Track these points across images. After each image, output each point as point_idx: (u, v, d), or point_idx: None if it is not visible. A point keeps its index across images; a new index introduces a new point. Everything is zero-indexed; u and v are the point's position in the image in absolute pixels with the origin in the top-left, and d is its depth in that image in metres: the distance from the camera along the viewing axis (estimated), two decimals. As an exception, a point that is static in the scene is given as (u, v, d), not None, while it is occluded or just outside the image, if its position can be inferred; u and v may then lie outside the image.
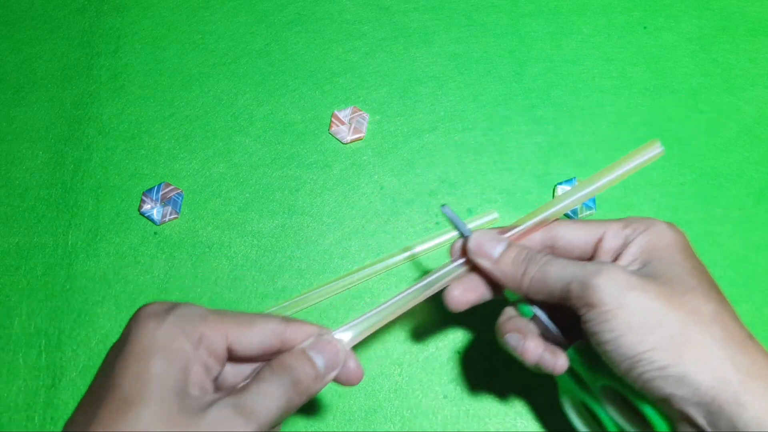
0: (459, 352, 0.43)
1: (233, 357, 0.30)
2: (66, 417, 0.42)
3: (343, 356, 0.32)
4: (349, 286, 0.45)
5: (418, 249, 0.45)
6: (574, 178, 0.47)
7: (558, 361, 0.33)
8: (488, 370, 0.43)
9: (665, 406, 0.29)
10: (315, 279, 0.45)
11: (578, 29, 0.52)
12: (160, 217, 0.47)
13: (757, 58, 0.51)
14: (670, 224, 0.33)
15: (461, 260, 0.36)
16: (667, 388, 0.28)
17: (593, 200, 0.47)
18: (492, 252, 0.34)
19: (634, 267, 0.32)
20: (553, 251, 0.35)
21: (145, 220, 0.47)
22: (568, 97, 0.50)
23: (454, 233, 0.45)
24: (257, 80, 0.51)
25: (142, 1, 0.54)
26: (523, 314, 0.35)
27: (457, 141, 0.49)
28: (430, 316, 0.44)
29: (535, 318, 0.34)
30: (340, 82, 0.51)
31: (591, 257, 0.34)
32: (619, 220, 0.34)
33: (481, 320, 0.44)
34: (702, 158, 0.48)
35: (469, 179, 0.48)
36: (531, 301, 0.34)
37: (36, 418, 0.42)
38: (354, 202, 0.47)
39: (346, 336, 0.33)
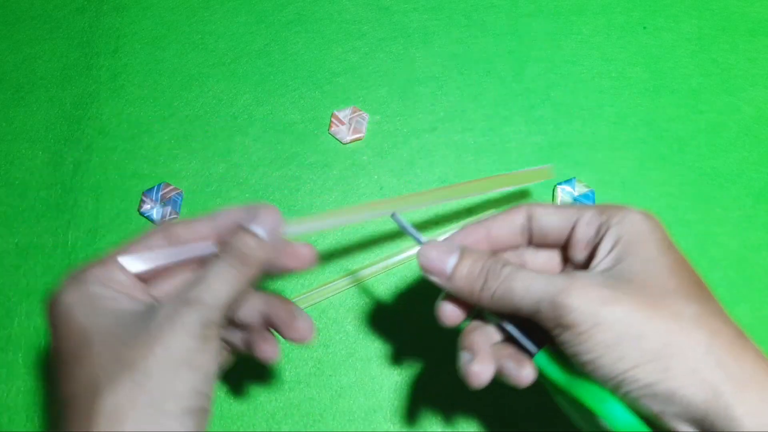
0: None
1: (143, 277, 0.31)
2: (66, 417, 0.42)
3: (281, 220, 0.31)
4: (349, 286, 0.45)
5: (417, 249, 0.45)
6: (574, 178, 0.47)
7: (522, 371, 0.30)
8: (488, 370, 0.43)
9: (658, 420, 0.27)
10: (315, 279, 0.45)
11: (578, 29, 0.52)
12: (159, 217, 0.47)
13: (757, 58, 0.51)
14: (645, 213, 0.31)
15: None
16: (656, 406, 0.26)
17: (593, 201, 0.47)
18: (444, 267, 0.31)
19: (608, 263, 0.29)
20: (531, 236, 0.33)
21: (144, 220, 0.47)
22: (567, 97, 0.50)
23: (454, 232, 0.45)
24: (257, 80, 0.51)
25: (141, 1, 0.54)
26: (491, 321, 0.32)
27: (457, 141, 0.49)
28: (430, 316, 0.44)
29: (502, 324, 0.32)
30: (339, 82, 0.51)
31: (565, 243, 0.32)
32: (594, 206, 0.32)
33: (481, 320, 0.44)
34: (702, 158, 0.48)
35: (469, 179, 0.48)
36: (495, 313, 0.31)
37: (36, 418, 0.42)
38: (354, 202, 0.47)
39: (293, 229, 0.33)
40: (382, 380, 0.43)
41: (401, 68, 0.51)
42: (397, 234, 0.46)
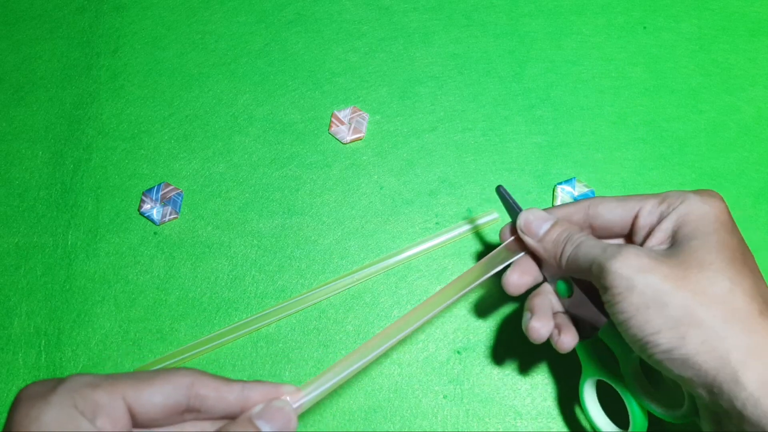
0: (458, 352, 0.43)
1: (140, 422, 0.26)
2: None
3: (295, 425, 0.29)
4: (349, 286, 0.45)
5: (417, 249, 0.45)
6: (574, 178, 0.47)
7: (561, 336, 0.34)
8: (488, 370, 0.43)
9: (682, 384, 0.30)
10: (315, 279, 0.45)
11: (578, 29, 0.52)
12: (159, 217, 0.47)
13: (757, 58, 0.51)
14: (705, 196, 0.32)
15: (507, 241, 0.37)
16: (675, 370, 0.29)
17: (593, 200, 0.47)
18: (538, 230, 0.36)
19: (664, 246, 0.32)
20: (593, 229, 0.36)
21: (144, 220, 0.47)
22: (567, 97, 0.50)
23: (454, 233, 0.45)
24: (257, 80, 0.51)
25: (141, 1, 0.54)
26: (559, 291, 0.36)
27: (457, 141, 0.49)
28: (430, 316, 0.44)
29: (573, 295, 0.36)
30: (339, 82, 0.51)
31: (629, 233, 0.35)
32: (656, 195, 0.34)
33: (479, 321, 0.44)
34: (702, 158, 0.48)
35: (469, 179, 0.48)
36: (572, 279, 0.36)
37: (36, 418, 0.42)
38: (354, 202, 0.47)
39: (296, 399, 0.30)
40: (381, 380, 0.43)
41: (401, 68, 0.51)
42: (397, 234, 0.46)
